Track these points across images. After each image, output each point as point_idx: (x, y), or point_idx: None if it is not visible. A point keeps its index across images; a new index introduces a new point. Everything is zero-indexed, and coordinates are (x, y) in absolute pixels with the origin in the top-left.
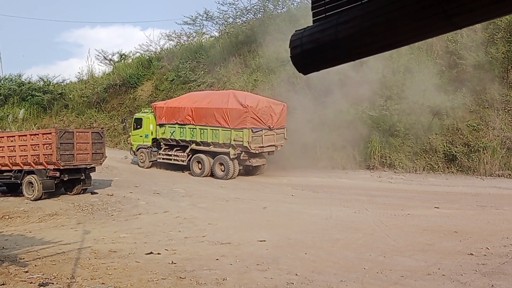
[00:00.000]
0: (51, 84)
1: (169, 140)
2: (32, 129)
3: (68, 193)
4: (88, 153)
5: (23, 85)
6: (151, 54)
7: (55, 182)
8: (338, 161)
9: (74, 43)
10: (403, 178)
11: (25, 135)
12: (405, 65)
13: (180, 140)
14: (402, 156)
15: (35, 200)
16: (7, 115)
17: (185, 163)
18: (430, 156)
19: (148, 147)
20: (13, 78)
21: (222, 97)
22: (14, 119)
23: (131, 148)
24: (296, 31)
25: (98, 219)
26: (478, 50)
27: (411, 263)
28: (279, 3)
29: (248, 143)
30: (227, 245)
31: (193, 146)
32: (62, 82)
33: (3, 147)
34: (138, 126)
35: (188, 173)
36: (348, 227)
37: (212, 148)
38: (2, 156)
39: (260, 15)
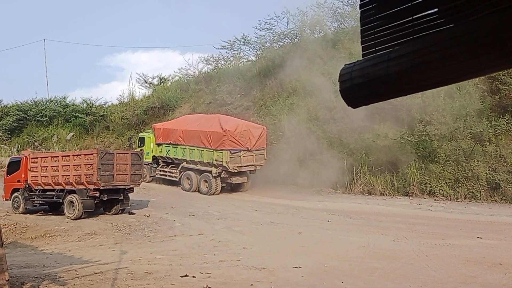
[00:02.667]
0: (94, 106)
1: (165, 158)
2: (75, 150)
3: (107, 213)
4: (127, 174)
5: (67, 107)
6: (190, 77)
7: (95, 201)
8: (376, 186)
9: (116, 66)
10: (443, 206)
11: (68, 156)
12: (446, 90)
13: (174, 158)
14: (442, 183)
15: (75, 219)
16: (52, 136)
17: (177, 179)
18: (472, 184)
19: (149, 163)
20: (58, 100)
21: (208, 121)
22: (58, 140)
23: None
24: (345, 65)
25: (135, 239)
26: None
27: None
28: (316, 28)
29: (227, 163)
30: (262, 270)
31: (184, 164)
32: (104, 104)
33: (47, 166)
34: (142, 144)
35: (181, 188)
36: (387, 256)
37: (198, 167)
38: (45, 176)
39: (297, 40)
